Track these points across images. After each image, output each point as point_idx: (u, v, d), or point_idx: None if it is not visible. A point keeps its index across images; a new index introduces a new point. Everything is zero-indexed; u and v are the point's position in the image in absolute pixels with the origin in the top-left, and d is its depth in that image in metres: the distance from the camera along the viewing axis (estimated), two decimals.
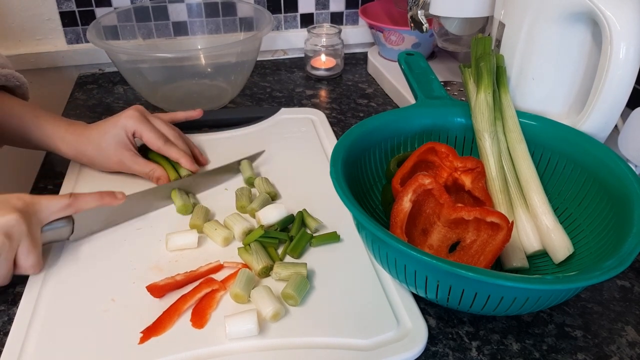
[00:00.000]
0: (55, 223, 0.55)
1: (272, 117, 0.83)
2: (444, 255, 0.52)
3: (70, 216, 0.56)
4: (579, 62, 0.59)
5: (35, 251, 0.53)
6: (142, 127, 0.66)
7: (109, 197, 0.59)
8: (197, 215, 0.61)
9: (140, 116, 0.67)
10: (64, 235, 0.57)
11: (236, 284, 0.51)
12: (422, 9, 0.77)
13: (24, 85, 0.71)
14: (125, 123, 0.66)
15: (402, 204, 0.51)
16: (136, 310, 0.51)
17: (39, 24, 0.98)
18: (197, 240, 0.58)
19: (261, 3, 1.04)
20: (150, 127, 0.67)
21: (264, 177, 0.67)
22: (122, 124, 0.66)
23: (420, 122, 0.62)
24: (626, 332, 0.50)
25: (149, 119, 0.68)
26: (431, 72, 0.69)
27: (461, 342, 0.49)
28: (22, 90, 0.71)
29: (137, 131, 0.67)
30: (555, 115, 0.61)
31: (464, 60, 0.98)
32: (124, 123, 0.66)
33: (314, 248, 0.58)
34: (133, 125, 0.66)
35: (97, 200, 0.58)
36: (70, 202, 0.55)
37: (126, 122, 0.66)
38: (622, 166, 0.52)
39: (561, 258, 0.52)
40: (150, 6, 0.96)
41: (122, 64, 0.83)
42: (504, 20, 0.64)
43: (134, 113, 0.67)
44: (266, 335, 0.48)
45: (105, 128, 0.67)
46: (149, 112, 0.69)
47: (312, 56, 1.00)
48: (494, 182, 0.56)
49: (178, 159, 0.67)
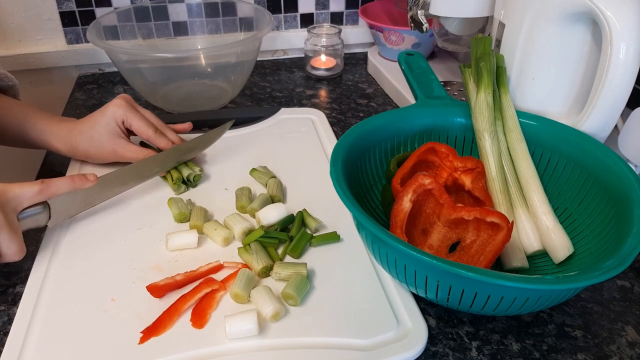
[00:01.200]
0: (30, 209, 0.56)
1: (272, 117, 0.83)
2: (444, 255, 0.52)
3: (45, 202, 0.57)
4: (579, 62, 0.59)
5: (16, 238, 0.52)
6: (131, 115, 0.67)
7: (80, 180, 0.59)
8: (196, 215, 0.61)
9: (128, 104, 0.68)
10: (42, 221, 0.57)
11: (236, 284, 0.51)
12: (422, 9, 0.77)
13: (16, 85, 0.72)
14: (114, 111, 0.67)
15: (402, 204, 0.51)
16: (136, 310, 0.51)
17: (39, 24, 0.98)
18: (197, 240, 0.58)
19: (261, 3, 1.04)
20: (139, 116, 0.68)
21: (278, 180, 0.67)
22: (111, 113, 0.67)
23: (420, 122, 0.62)
24: (626, 332, 0.50)
25: (137, 108, 0.69)
26: (431, 72, 0.69)
27: (461, 342, 0.49)
28: (13, 91, 0.72)
29: (127, 119, 0.67)
30: (555, 115, 0.61)
31: (464, 60, 0.98)
32: (113, 111, 0.67)
33: (314, 248, 0.58)
34: (122, 113, 0.67)
35: (68, 184, 0.58)
36: (42, 188, 0.56)
37: (115, 111, 0.67)
38: (622, 166, 0.52)
39: (561, 258, 0.52)
40: (150, 6, 0.96)
41: (122, 64, 0.83)
42: (504, 20, 0.64)
43: (121, 102, 0.68)
44: (266, 335, 0.48)
45: (94, 119, 0.67)
46: (135, 103, 0.70)
47: (312, 56, 1.00)
48: (494, 182, 0.56)
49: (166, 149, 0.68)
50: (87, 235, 0.60)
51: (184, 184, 0.67)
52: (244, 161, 0.73)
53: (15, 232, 0.53)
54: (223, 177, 0.70)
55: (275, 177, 0.68)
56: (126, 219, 0.62)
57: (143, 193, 0.67)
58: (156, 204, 0.65)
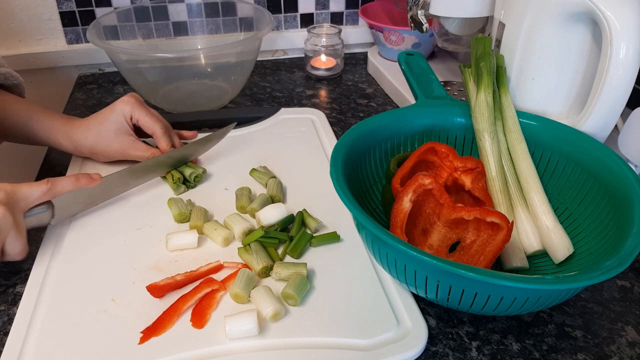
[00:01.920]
0: (35, 209, 0.56)
1: (272, 117, 0.83)
2: (444, 255, 0.52)
3: (49, 201, 0.57)
4: (579, 62, 0.59)
5: (21, 239, 0.53)
6: (138, 110, 0.68)
7: (85, 179, 0.59)
8: (196, 216, 0.61)
9: (137, 101, 0.69)
10: (46, 220, 0.58)
11: (236, 284, 0.51)
12: (422, 9, 0.77)
13: (21, 84, 0.72)
14: (123, 108, 0.67)
15: (402, 204, 0.51)
16: (136, 310, 0.51)
17: (39, 24, 0.98)
18: (197, 241, 0.58)
19: (261, 3, 1.04)
20: (147, 112, 0.69)
21: (278, 180, 0.67)
22: (120, 109, 0.67)
23: (420, 122, 0.62)
24: (626, 332, 0.50)
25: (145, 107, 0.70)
26: (431, 72, 0.69)
27: (461, 342, 0.49)
28: (19, 89, 0.72)
29: (134, 115, 0.68)
30: (555, 115, 0.61)
31: (464, 60, 0.98)
32: (121, 108, 0.67)
33: (314, 248, 0.58)
34: (130, 109, 0.67)
35: (73, 183, 0.58)
36: (48, 188, 0.56)
37: (123, 107, 0.68)
38: (622, 166, 0.52)
39: (561, 258, 0.52)
40: (150, 6, 0.96)
41: (122, 64, 0.83)
42: (504, 20, 0.64)
43: (129, 99, 0.68)
44: (266, 335, 0.48)
45: (103, 115, 0.68)
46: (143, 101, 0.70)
47: (312, 56, 1.00)
48: (494, 182, 0.56)
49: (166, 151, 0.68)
50: (87, 235, 0.60)
51: (183, 184, 0.67)
52: (244, 161, 0.73)
53: (21, 232, 0.53)
54: (223, 177, 0.70)
55: (275, 177, 0.68)
56: (126, 219, 0.62)
57: (143, 193, 0.67)
58: (156, 204, 0.65)
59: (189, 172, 0.68)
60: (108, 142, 0.68)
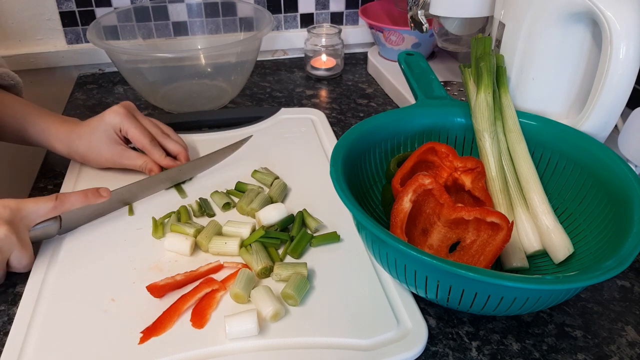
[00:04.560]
0: (43, 222, 0.56)
1: (272, 117, 0.83)
2: (444, 255, 0.52)
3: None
4: (579, 62, 0.59)
5: (27, 254, 0.54)
6: (127, 123, 0.66)
7: (93, 195, 0.59)
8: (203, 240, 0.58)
9: (127, 112, 0.67)
10: (53, 232, 0.57)
11: (236, 284, 0.51)
12: (422, 9, 0.77)
13: (18, 84, 0.72)
14: (111, 119, 0.66)
15: (402, 204, 0.51)
16: (136, 310, 0.51)
17: (39, 24, 0.98)
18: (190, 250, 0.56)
19: (261, 3, 1.04)
20: (136, 124, 0.67)
21: (282, 182, 0.66)
22: (108, 120, 0.66)
23: (420, 122, 0.62)
24: (626, 332, 0.50)
25: (137, 117, 0.68)
26: (431, 72, 0.69)
27: (461, 342, 0.49)
28: (16, 89, 0.72)
29: (123, 128, 0.66)
30: (555, 115, 0.61)
31: (464, 60, 0.98)
32: (110, 119, 0.66)
33: (314, 248, 0.58)
34: (119, 121, 0.66)
35: (82, 199, 0.58)
36: (56, 205, 0.56)
37: (112, 118, 0.66)
38: (622, 166, 0.52)
39: (561, 258, 0.52)
40: (150, 6, 0.96)
41: (122, 64, 0.83)
42: (504, 20, 0.64)
43: (119, 109, 0.67)
44: (266, 335, 0.48)
45: (94, 124, 0.67)
46: (137, 110, 0.69)
47: (312, 56, 1.00)
48: (494, 182, 0.56)
49: (160, 162, 0.67)
50: (88, 235, 0.60)
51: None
52: (244, 161, 0.72)
53: (26, 247, 0.53)
54: (223, 177, 0.70)
55: (279, 178, 0.68)
56: (126, 218, 0.62)
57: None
58: (156, 204, 0.65)
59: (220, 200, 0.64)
60: (99, 151, 0.67)
